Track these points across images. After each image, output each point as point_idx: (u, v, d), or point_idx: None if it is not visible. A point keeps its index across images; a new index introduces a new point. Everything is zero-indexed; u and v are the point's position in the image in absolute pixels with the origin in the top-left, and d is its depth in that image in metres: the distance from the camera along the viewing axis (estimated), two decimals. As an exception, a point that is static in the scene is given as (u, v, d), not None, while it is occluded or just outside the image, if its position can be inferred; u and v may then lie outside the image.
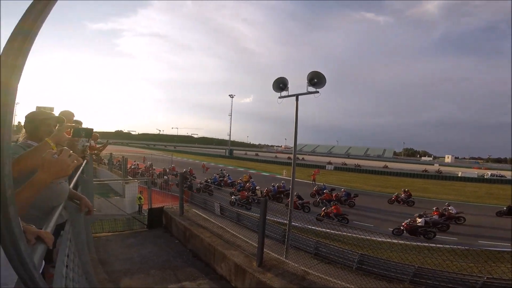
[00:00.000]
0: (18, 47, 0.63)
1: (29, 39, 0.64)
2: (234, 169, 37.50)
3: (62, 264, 1.43)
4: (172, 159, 28.64)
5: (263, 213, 4.32)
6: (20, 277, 0.73)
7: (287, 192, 18.67)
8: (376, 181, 33.39)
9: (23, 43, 0.64)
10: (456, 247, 8.13)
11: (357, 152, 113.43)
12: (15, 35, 0.64)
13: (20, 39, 0.64)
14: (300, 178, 25.10)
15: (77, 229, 2.37)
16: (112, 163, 23.76)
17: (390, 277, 6.86)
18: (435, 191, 23.91)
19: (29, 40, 0.64)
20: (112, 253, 5.43)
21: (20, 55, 0.63)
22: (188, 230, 6.02)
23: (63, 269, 1.40)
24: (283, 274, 4.06)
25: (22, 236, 0.65)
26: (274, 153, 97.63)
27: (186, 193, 9.81)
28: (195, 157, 58.25)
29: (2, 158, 0.58)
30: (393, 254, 7.88)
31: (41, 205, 1.66)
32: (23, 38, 0.64)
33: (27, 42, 0.64)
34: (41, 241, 1.14)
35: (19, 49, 0.63)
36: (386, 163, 62.69)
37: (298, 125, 6.35)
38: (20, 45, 0.63)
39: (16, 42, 0.63)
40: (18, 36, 0.64)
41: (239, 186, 20.67)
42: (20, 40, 0.64)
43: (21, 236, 0.64)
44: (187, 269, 4.99)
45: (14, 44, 0.63)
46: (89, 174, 5.04)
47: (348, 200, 17.86)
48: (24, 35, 0.64)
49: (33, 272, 0.73)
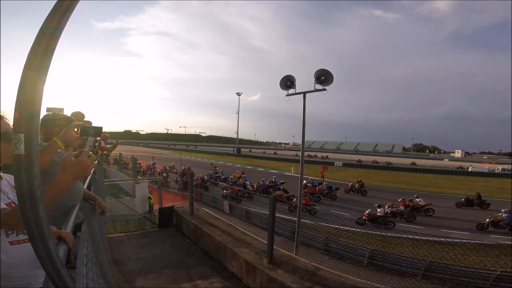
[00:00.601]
0: (43, 47, 0.65)
1: (54, 38, 0.66)
2: (242, 167, 37.59)
3: (82, 264, 1.47)
4: (181, 158, 28.88)
5: (272, 211, 4.34)
6: (48, 275, 0.77)
7: (278, 186, 20.48)
8: (386, 176, 33.04)
9: (49, 43, 0.65)
10: (467, 241, 8.03)
11: (365, 148, 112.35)
12: (41, 35, 0.65)
13: (46, 39, 0.65)
14: (309, 174, 25.01)
15: (93, 229, 2.43)
16: (122, 163, 24.18)
17: (402, 271, 6.82)
18: (445, 186, 23.50)
19: (54, 40, 0.66)
20: (125, 253, 5.53)
21: (46, 55, 0.64)
22: (198, 229, 6.09)
23: (83, 268, 1.45)
24: (293, 270, 4.07)
25: (50, 235, 0.69)
26: (282, 150, 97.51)
27: (195, 192, 9.91)
28: (204, 156, 58.67)
29: (31, 160, 0.61)
30: (404, 249, 7.84)
31: (57, 205, 1.72)
32: (49, 37, 0.65)
33: (53, 42, 0.66)
34: (62, 241, 1.19)
35: (45, 50, 0.64)
36: (390, 159, 61.63)
37: (306, 122, 6.35)
38: (46, 45, 0.65)
39: (42, 42, 0.65)
40: (44, 36, 0.65)
41: (231, 181, 22.09)
42: (46, 40, 0.65)
43: (49, 235, 0.68)
44: (199, 268, 5.05)
45: (41, 45, 0.64)
46: (100, 174, 5.15)
47: (330, 193, 19.10)
48: (50, 34, 0.65)
49: (61, 270, 0.76)
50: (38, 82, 0.64)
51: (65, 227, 1.39)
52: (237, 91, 79.21)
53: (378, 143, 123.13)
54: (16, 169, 0.63)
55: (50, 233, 0.69)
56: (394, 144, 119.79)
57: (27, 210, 0.64)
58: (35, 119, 0.64)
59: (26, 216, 0.64)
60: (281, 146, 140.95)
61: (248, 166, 39.39)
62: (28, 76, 0.63)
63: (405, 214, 14.10)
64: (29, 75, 0.63)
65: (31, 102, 0.63)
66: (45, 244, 0.68)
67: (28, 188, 0.63)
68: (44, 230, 0.65)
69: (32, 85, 0.63)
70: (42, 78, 0.64)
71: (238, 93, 78.58)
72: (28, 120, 0.63)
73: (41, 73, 0.64)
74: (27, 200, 0.63)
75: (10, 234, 1.23)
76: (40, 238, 0.66)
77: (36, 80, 0.64)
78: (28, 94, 0.63)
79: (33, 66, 0.64)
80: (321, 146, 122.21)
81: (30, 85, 0.63)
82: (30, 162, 0.63)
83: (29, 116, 0.63)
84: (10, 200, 1.19)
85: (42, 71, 0.64)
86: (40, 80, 0.64)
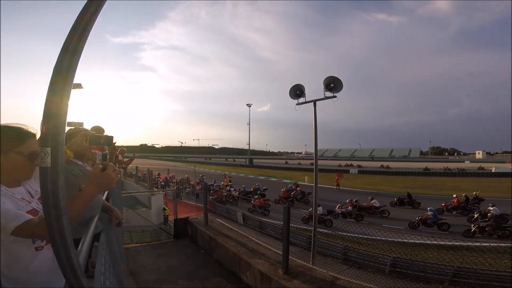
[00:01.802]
0: (68, 62, 0.67)
1: (77, 52, 0.68)
2: (254, 177, 37.49)
3: (100, 274, 1.52)
4: (195, 170, 29.22)
5: (287, 220, 4.31)
6: (69, 283, 0.79)
7: (261, 191, 21.51)
8: (402, 182, 32.05)
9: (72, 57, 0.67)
10: (496, 245, 7.62)
11: (381, 154, 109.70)
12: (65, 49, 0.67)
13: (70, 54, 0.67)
14: (323, 183, 24.62)
15: (110, 239, 2.50)
16: (138, 176, 24.70)
17: (427, 278, 6.53)
18: (467, 188, 22.41)
19: (77, 54, 0.68)
20: (141, 264, 5.59)
21: (70, 69, 0.66)
22: (213, 240, 6.09)
23: (101, 277, 1.49)
24: (310, 281, 3.99)
25: (72, 244, 0.72)
26: (296, 159, 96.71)
27: (209, 203, 9.97)
28: (217, 168, 58.97)
29: (57, 172, 0.66)
30: (428, 254, 7.54)
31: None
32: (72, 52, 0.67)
33: (76, 56, 0.68)
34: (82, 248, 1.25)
35: (69, 65, 0.66)
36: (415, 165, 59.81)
37: (318, 130, 6.31)
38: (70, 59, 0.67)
39: (66, 57, 0.67)
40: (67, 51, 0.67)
41: (217, 187, 23.89)
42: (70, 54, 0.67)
43: (72, 244, 0.72)
44: (213, 279, 5.03)
45: (65, 59, 0.66)
46: (118, 187, 5.28)
47: (303, 198, 20.19)
48: (73, 49, 0.67)
49: (81, 279, 0.79)
50: (64, 97, 0.67)
51: (85, 236, 1.45)
52: (247, 102, 79.71)
53: (394, 148, 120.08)
54: (42, 181, 0.67)
55: (73, 243, 0.73)
56: (411, 149, 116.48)
57: (52, 220, 0.67)
58: (61, 133, 0.67)
59: (51, 226, 0.68)
60: (293, 155, 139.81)
61: (260, 177, 39.25)
62: (54, 90, 0.66)
63: (353, 214, 15.51)
64: (55, 90, 0.66)
65: (57, 116, 0.66)
66: (67, 253, 0.71)
67: (53, 199, 0.67)
68: (67, 239, 0.69)
69: (58, 99, 0.66)
70: (67, 92, 0.67)
71: (248, 104, 79.32)
72: (54, 134, 0.66)
73: (66, 87, 0.67)
74: (52, 211, 0.67)
75: (36, 240, 1.29)
76: (63, 247, 0.70)
77: (62, 94, 0.66)
78: (54, 108, 0.66)
79: (59, 81, 0.66)
80: (334, 154, 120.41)
81: (56, 100, 0.66)
82: (56, 174, 0.66)
83: (55, 130, 0.66)
84: (31, 208, 1.24)
85: (67, 86, 0.67)
86: (66, 94, 0.67)
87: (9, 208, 1.10)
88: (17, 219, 1.08)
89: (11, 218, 1.07)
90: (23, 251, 1.22)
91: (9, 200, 1.14)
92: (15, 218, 1.08)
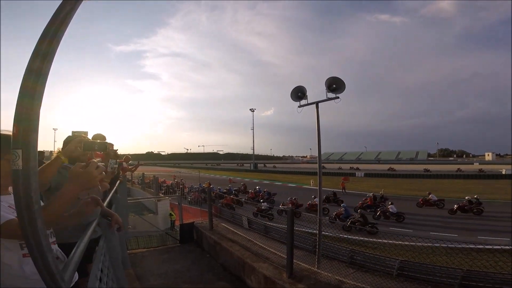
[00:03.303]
0: (44, 50, 0.65)
1: (55, 41, 0.66)
2: (259, 182, 37.36)
3: (95, 278, 1.50)
4: (199, 175, 29.33)
5: (290, 224, 4.26)
6: (47, 286, 0.74)
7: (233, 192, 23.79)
8: (410, 185, 31.58)
9: (49, 46, 0.65)
10: (506, 247, 7.41)
11: (387, 157, 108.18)
12: (43, 38, 0.65)
13: (47, 42, 0.65)
14: (328, 186, 24.42)
15: (111, 244, 2.49)
16: (144, 182, 24.91)
17: (436, 281, 6.36)
18: (478, 191, 21.90)
19: (55, 43, 0.66)
20: (148, 269, 5.60)
21: (43, 68, 0.64)
22: (218, 244, 6.07)
23: (96, 282, 1.48)
24: (315, 284, 3.92)
25: (49, 248, 0.70)
26: (300, 163, 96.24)
27: (215, 208, 9.95)
28: (222, 173, 59.03)
29: (29, 175, 0.63)
30: (437, 258, 7.35)
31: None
32: (50, 41, 0.65)
33: (53, 44, 0.66)
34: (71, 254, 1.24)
35: (41, 64, 0.64)
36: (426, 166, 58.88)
37: (322, 133, 6.23)
38: (46, 48, 0.65)
39: (43, 45, 0.65)
40: (45, 39, 0.65)
41: (195, 189, 25.58)
42: (47, 43, 0.65)
43: (48, 248, 0.69)
44: (218, 283, 5.00)
45: (42, 47, 0.64)
46: (123, 193, 5.32)
47: (269, 198, 21.69)
48: (51, 37, 0.65)
49: (61, 285, 0.75)
50: (36, 97, 0.64)
51: (80, 241, 1.43)
52: (251, 107, 80.00)
53: (401, 151, 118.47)
54: (14, 184, 0.64)
55: (50, 246, 0.70)
56: (418, 151, 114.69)
57: (25, 223, 0.65)
58: (32, 135, 0.65)
59: (24, 230, 0.66)
60: (298, 159, 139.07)
61: (265, 181, 39.13)
62: (26, 91, 0.64)
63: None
64: (26, 90, 0.64)
65: (28, 118, 0.64)
66: (43, 257, 0.68)
67: (25, 202, 0.64)
68: (42, 243, 0.67)
69: (30, 100, 0.64)
70: (38, 94, 0.65)
71: (252, 109, 79.58)
72: (25, 135, 0.64)
73: (38, 89, 0.64)
74: (24, 214, 0.65)
75: (24, 247, 1.29)
76: (38, 251, 0.67)
77: (33, 97, 0.64)
78: (25, 109, 0.64)
79: (30, 80, 0.64)
80: (340, 157, 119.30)
81: (27, 100, 0.64)
82: (27, 176, 0.64)
83: (26, 131, 0.64)
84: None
85: (38, 88, 0.64)
86: (37, 97, 0.64)
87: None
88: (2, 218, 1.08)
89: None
90: (10, 257, 1.21)
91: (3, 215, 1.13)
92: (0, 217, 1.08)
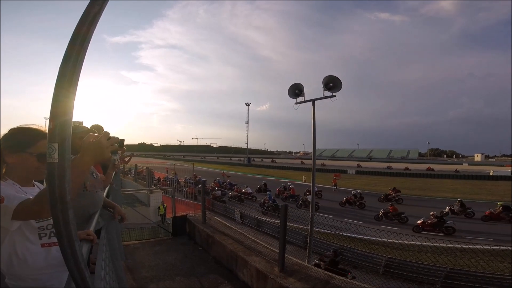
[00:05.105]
0: (74, 58, 0.67)
1: (83, 48, 0.68)
2: (252, 176, 37.54)
3: (101, 268, 1.56)
4: (193, 168, 29.29)
5: (284, 219, 4.36)
6: (72, 276, 0.81)
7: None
8: (403, 184, 32.19)
9: (78, 53, 0.67)
10: (490, 248, 7.71)
11: (379, 155, 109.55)
12: (71, 46, 0.67)
13: (76, 49, 0.67)
14: (321, 183, 24.72)
15: (111, 236, 2.54)
16: (137, 174, 24.75)
17: (420, 280, 6.61)
18: (465, 191, 22.58)
19: (83, 50, 0.68)
20: (139, 261, 5.64)
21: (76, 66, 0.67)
22: (210, 237, 6.14)
23: (101, 272, 1.54)
24: (306, 279, 4.04)
25: (77, 237, 0.76)
26: (294, 159, 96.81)
27: (207, 201, 10.02)
28: (215, 166, 58.99)
29: (64, 167, 0.69)
30: (423, 256, 7.61)
31: (80, 212, 1.84)
32: (79, 48, 0.67)
33: (82, 51, 0.68)
34: (85, 241, 1.30)
35: (75, 61, 0.67)
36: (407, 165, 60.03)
37: (316, 130, 6.34)
38: (76, 55, 0.67)
39: (73, 53, 0.67)
40: (74, 46, 0.67)
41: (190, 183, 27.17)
42: (76, 50, 0.67)
43: (76, 238, 0.75)
44: (210, 276, 5.08)
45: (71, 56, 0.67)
46: (117, 184, 5.33)
47: (231, 188, 23.98)
48: (79, 45, 0.67)
49: (84, 272, 0.81)
50: (70, 93, 0.68)
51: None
52: (246, 101, 79.79)
53: (393, 149, 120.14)
54: (49, 176, 0.69)
55: (77, 236, 0.76)
56: (409, 150, 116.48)
57: (58, 213, 0.70)
58: (67, 129, 0.69)
59: (56, 219, 0.71)
60: (291, 155, 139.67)
61: (258, 176, 39.30)
62: (61, 87, 0.67)
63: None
64: (61, 86, 0.67)
65: (64, 113, 0.68)
66: (72, 246, 0.74)
67: (60, 193, 0.69)
68: (72, 232, 0.73)
69: (64, 96, 0.67)
70: (73, 88, 0.68)
71: (247, 103, 79.33)
72: (61, 130, 0.68)
73: (72, 84, 0.68)
74: (58, 204, 0.70)
75: (43, 237, 1.34)
76: (67, 239, 0.73)
77: (68, 91, 0.68)
78: (61, 105, 0.68)
79: (65, 78, 0.67)
80: (332, 154, 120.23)
81: (62, 97, 0.67)
82: (63, 169, 0.69)
83: (62, 126, 0.68)
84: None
85: (73, 82, 0.68)
86: (72, 91, 0.68)
87: (11, 192, 1.19)
88: (18, 198, 1.17)
89: (12, 198, 1.16)
90: (29, 247, 1.27)
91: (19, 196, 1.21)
92: (17, 198, 1.17)
